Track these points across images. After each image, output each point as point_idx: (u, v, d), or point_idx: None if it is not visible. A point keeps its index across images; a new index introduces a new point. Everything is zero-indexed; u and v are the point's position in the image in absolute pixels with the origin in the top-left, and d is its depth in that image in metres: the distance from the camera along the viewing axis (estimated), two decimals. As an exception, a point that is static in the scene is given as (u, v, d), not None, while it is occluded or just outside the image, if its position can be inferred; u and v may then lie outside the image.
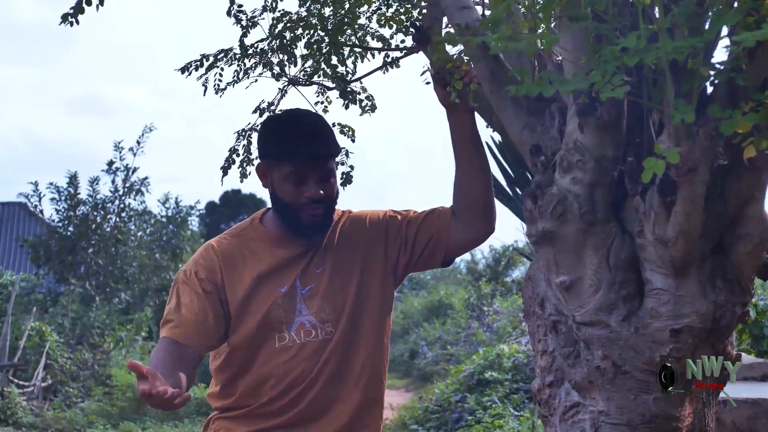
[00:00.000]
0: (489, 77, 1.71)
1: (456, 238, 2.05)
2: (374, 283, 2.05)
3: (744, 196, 1.45)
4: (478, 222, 2.04)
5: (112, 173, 14.23)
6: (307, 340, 1.98)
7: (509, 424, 6.51)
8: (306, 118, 2.05)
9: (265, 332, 1.97)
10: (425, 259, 2.08)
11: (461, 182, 2.03)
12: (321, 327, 1.99)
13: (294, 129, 1.99)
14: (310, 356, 1.97)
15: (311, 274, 2.02)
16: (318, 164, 1.95)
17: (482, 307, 13.95)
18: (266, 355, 1.98)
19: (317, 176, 1.95)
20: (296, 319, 1.98)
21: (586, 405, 1.57)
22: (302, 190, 1.95)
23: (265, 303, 1.98)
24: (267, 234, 2.05)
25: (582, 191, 1.49)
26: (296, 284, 2.00)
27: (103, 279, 13.80)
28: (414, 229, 2.07)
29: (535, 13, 1.44)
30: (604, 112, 1.42)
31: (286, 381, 1.97)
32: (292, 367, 1.97)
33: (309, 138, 1.97)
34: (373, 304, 2.04)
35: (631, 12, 1.39)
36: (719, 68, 1.31)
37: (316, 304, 1.99)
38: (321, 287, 2.01)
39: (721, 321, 1.47)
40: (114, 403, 10.15)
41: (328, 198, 1.97)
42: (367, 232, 2.08)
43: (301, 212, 1.96)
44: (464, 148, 1.99)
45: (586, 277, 1.52)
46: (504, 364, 8.29)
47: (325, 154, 1.97)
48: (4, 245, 22.77)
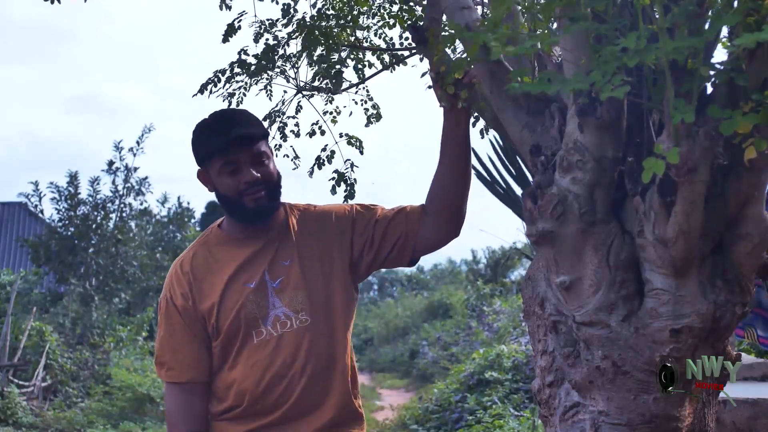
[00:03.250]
0: (489, 77, 1.71)
1: (424, 239, 2.07)
2: (343, 275, 2.07)
3: (744, 196, 1.45)
4: (448, 224, 2.07)
5: (112, 173, 14.23)
6: (284, 331, 2.00)
7: (509, 424, 6.51)
8: (222, 112, 2.10)
9: (243, 331, 2.00)
10: (393, 259, 2.10)
11: (441, 181, 2.05)
12: (295, 316, 2.01)
13: (212, 124, 2.04)
14: (289, 347, 1.99)
15: (279, 266, 2.04)
16: (245, 148, 1.98)
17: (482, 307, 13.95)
18: (248, 353, 2.00)
19: (248, 160, 1.98)
20: (271, 313, 2.00)
21: (586, 405, 1.57)
22: (239, 178, 1.98)
23: (236, 302, 2.00)
24: (226, 237, 2.09)
25: (582, 191, 1.49)
26: (265, 278, 2.03)
27: (103, 279, 13.79)
28: (382, 227, 2.08)
29: (535, 13, 1.44)
30: (604, 112, 1.42)
31: (269, 374, 1.98)
32: (273, 359, 1.99)
33: (227, 126, 2.01)
34: (343, 295, 2.07)
35: (631, 12, 1.39)
36: (719, 68, 1.31)
37: (288, 296, 2.01)
38: (291, 278, 2.03)
39: (721, 321, 1.47)
40: (114, 403, 10.14)
41: (265, 180, 1.99)
42: (333, 226, 2.10)
43: (244, 199, 1.99)
44: (453, 148, 2.01)
45: (586, 277, 1.52)
46: (504, 364, 8.29)
47: (245, 135, 1.98)
48: (4, 245, 22.76)
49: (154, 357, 2.10)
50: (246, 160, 1.97)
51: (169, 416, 2.06)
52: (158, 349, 2.07)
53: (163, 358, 2.05)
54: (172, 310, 2.04)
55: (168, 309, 2.05)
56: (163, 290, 2.10)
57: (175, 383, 2.03)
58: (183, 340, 2.03)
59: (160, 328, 2.08)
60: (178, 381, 2.03)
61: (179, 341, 2.03)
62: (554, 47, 1.57)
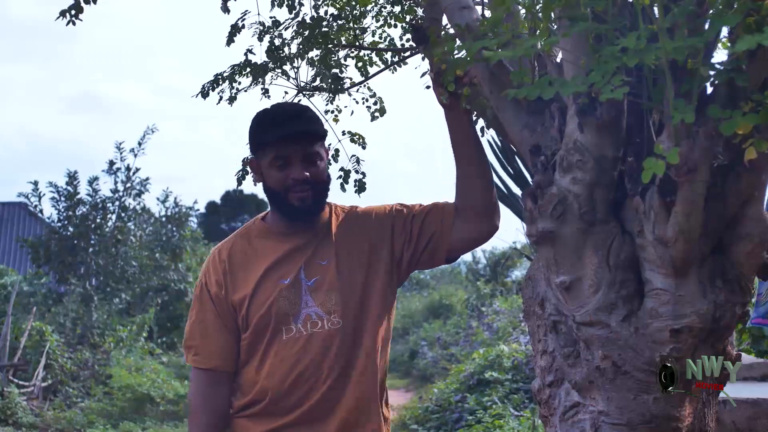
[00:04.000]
0: (489, 78, 1.71)
1: (458, 237, 2.03)
2: (379, 277, 2.05)
3: (744, 196, 1.45)
4: (480, 221, 2.02)
5: (113, 173, 14.21)
6: (313, 331, 1.99)
7: (509, 424, 6.51)
8: (284, 104, 2.10)
9: (273, 326, 1.99)
10: (427, 257, 2.07)
11: (461, 181, 2.02)
12: (327, 318, 1.99)
13: (272, 116, 2.03)
14: (317, 347, 1.98)
15: (316, 265, 2.03)
16: (299, 144, 1.97)
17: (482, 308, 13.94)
18: (276, 349, 2.00)
19: (301, 157, 1.97)
20: (303, 311, 2.00)
21: (586, 405, 1.57)
22: (287, 173, 1.97)
23: (269, 296, 2.00)
24: (268, 230, 2.08)
25: (582, 191, 1.49)
26: (300, 276, 2.02)
27: (103, 279, 13.79)
28: (418, 224, 2.06)
29: (535, 13, 1.44)
30: (604, 112, 1.42)
31: (295, 372, 1.98)
32: (300, 358, 1.98)
33: (286, 119, 2.00)
34: (378, 298, 2.05)
35: (631, 12, 1.39)
36: (719, 68, 1.31)
37: (322, 295, 2.00)
38: (327, 278, 2.01)
39: (721, 321, 1.47)
40: (114, 403, 10.13)
41: (314, 179, 1.98)
42: (374, 226, 2.08)
43: (289, 195, 1.98)
44: (463, 147, 1.99)
45: (586, 277, 1.52)
46: (504, 364, 8.28)
47: (302, 132, 1.98)
48: (4, 245, 22.76)
49: (184, 339, 2.13)
50: (298, 157, 1.97)
51: (191, 400, 2.09)
52: (188, 333, 2.09)
53: (192, 342, 2.07)
54: (206, 296, 2.06)
55: (202, 295, 2.07)
56: (200, 275, 2.11)
57: (201, 369, 2.05)
58: (213, 327, 2.04)
59: (192, 312, 2.10)
60: (204, 367, 2.05)
61: (210, 328, 2.05)
62: (554, 47, 1.57)
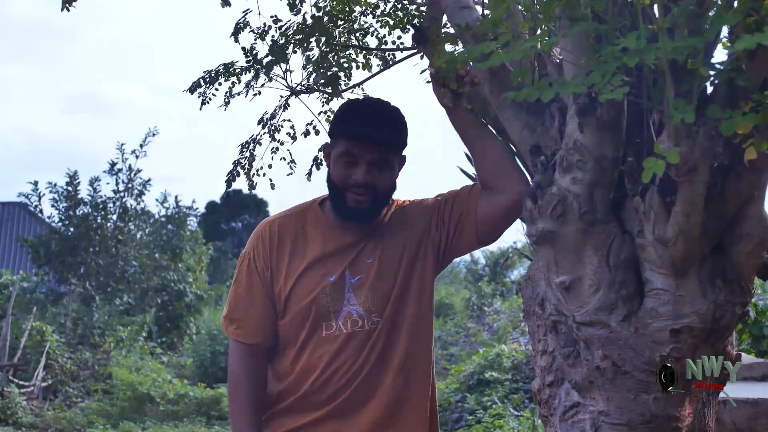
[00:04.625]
0: (489, 77, 1.71)
1: (485, 211, 1.99)
2: (421, 272, 2.04)
3: (744, 196, 1.45)
4: (501, 185, 1.95)
5: (114, 174, 14.21)
6: (353, 330, 1.99)
7: (509, 424, 6.51)
8: (377, 104, 2.07)
9: (313, 321, 1.99)
10: (460, 235, 2.04)
11: (476, 157, 2.01)
12: (367, 317, 1.99)
13: (359, 110, 2.02)
14: (356, 347, 1.98)
15: (362, 263, 2.02)
16: (370, 148, 1.95)
17: (482, 307, 13.95)
18: (315, 343, 1.99)
19: (369, 161, 1.95)
20: (344, 309, 1.99)
21: (586, 405, 1.57)
22: (350, 172, 1.96)
23: (313, 290, 1.99)
24: (323, 219, 2.06)
25: (582, 191, 1.49)
26: (345, 273, 2.01)
27: (103, 279, 13.78)
28: (449, 207, 2.05)
29: (535, 13, 1.44)
30: (604, 112, 1.42)
31: (330, 370, 1.98)
32: (338, 356, 1.98)
33: (368, 120, 1.98)
34: (420, 293, 2.04)
35: (631, 12, 1.39)
36: (719, 68, 1.31)
37: (363, 294, 2.00)
38: (369, 277, 2.01)
39: (721, 321, 1.47)
40: (114, 403, 10.13)
41: (375, 187, 1.96)
42: (415, 220, 2.07)
43: (347, 194, 1.97)
44: (472, 136, 2.00)
45: (586, 277, 1.52)
46: (504, 364, 8.29)
47: (378, 138, 1.96)
48: (4, 245, 22.76)
49: (225, 311, 2.09)
50: (366, 160, 1.95)
51: (233, 374, 2.06)
52: (232, 304, 2.07)
53: (236, 315, 2.05)
54: (254, 269, 2.04)
55: (249, 267, 2.05)
56: (247, 245, 2.08)
57: (242, 343, 2.04)
58: (259, 302, 2.03)
59: (236, 284, 2.07)
60: (247, 342, 2.04)
61: (256, 302, 2.03)
62: (554, 47, 1.57)
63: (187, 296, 14.90)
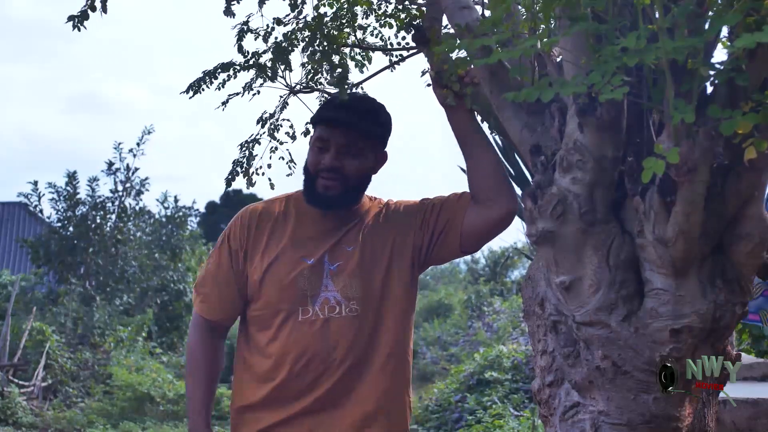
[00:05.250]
0: (489, 77, 1.71)
1: (472, 222, 2.00)
2: (402, 270, 2.04)
3: (744, 196, 1.45)
4: (492, 200, 1.98)
5: (112, 174, 14.21)
6: (331, 316, 1.98)
7: (509, 424, 6.51)
8: (358, 96, 2.10)
9: (290, 304, 1.99)
10: (443, 242, 2.05)
11: (470, 168, 2.01)
12: (346, 304, 1.99)
13: (335, 99, 2.04)
14: (333, 333, 1.97)
15: (342, 250, 2.02)
16: (340, 132, 1.97)
17: (482, 307, 13.95)
18: (291, 327, 1.99)
19: (338, 145, 1.97)
20: (322, 294, 1.99)
21: (586, 405, 1.57)
22: (321, 158, 1.98)
23: (290, 273, 2.00)
24: (305, 206, 2.07)
25: (582, 191, 1.49)
26: (324, 259, 2.01)
27: (103, 279, 13.78)
28: (437, 212, 2.05)
29: (535, 13, 1.44)
30: (604, 112, 1.42)
31: (306, 356, 1.97)
32: (315, 342, 1.97)
33: (343, 107, 2.00)
34: (400, 290, 2.04)
35: (631, 12, 1.39)
36: (719, 68, 1.31)
37: (342, 281, 2.00)
38: (350, 264, 2.01)
39: (721, 321, 1.47)
40: (114, 403, 10.13)
41: (344, 173, 1.97)
42: (402, 219, 2.08)
43: (317, 180, 1.98)
44: (468, 142, 2.00)
45: (586, 277, 1.52)
46: (504, 364, 8.29)
47: (348, 122, 1.97)
48: (4, 245, 22.75)
49: (195, 282, 2.17)
50: (336, 144, 1.97)
51: (189, 346, 2.12)
52: (200, 279, 2.13)
53: (203, 289, 2.11)
54: (226, 249, 2.07)
55: (222, 246, 2.09)
56: (229, 223, 2.12)
57: (205, 318, 2.10)
58: (223, 282, 2.07)
59: (209, 259, 2.12)
60: (207, 317, 2.10)
61: (220, 282, 2.07)
62: (554, 47, 1.57)
63: (187, 296, 14.89)
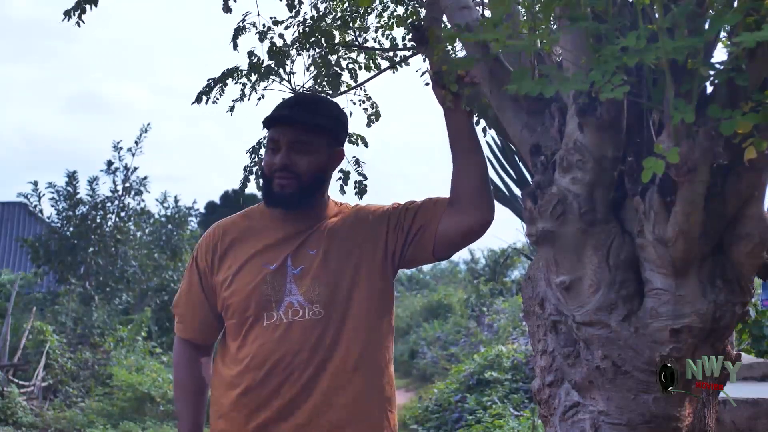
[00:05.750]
0: (488, 77, 1.71)
1: (447, 228, 1.98)
2: (372, 272, 2.02)
3: (744, 196, 1.45)
4: (468, 212, 1.97)
5: (111, 173, 14.21)
6: (294, 320, 1.96)
7: (509, 424, 6.51)
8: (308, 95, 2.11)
9: (255, 310, 1.98)
10: (414, 250, 2.03)
11: (455, 173, 2.00)
12: (309, 307, 1.97)
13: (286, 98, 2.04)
14: (297, 336, 1.95)
15: (304, 254, 2.01)
16: (288, 130, 1.96)
17: (482, 307, 13.95)
18: (256, 333, 1.98)
19: (288, 142, 1.96)
20: (286, 299, 1.98)
21: (586, 405, 1.57)
22: (273, 158, 1.97)
23: (253, 280, 1.99)
24: (268, 214, 2.07)
25: (582, 191, 1.49)
26: (287, 263, 2.00)
27: (102, 279, 13.77)
28: (410, 217, 2.04)
29: (535, 13, 1.44)
30: (604, 112, 1.42)
31: (271, 360, 1.95)
32: (279, 346, 1.95)
33: (288, 104, 2.00)
34: (369, 293, 2.01)
35: (631, 12, 1.39)
36: (719, 68, 1.31)
37: (306, 284, 1.98)
38: (313, 268, 1.99)
39: (721, 321, 1.47)
40: (114, 403, 10.12)
41: (297, 170, 1.96)
42: (370, 223, 2.06)
43: (272, 181, 1.98)
44: (461, 144, 1.99)
45: (586, 277, 1.52)
46: (504, 364, 8.29)
47: (295, 117, 1.96)
48: (4, 245, 22.75)
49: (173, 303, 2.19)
50: (286, 142, 1.96)
51: (175, 369, 2.15)
52: (176, 298, 2.16)
53: (178, 309, 2.15)
54: (194, 269, 2.10)
55: (192, 267, 2.11)
56: (196, 244, 2.14)
57: (183, 339, 2.13)
58: (197, 302, 2.09)
59: (183, 281, 2.15)
60: (184, 337, 2.13)
61: (193, 301, 2.10)
62: (554, 47, 1.57)
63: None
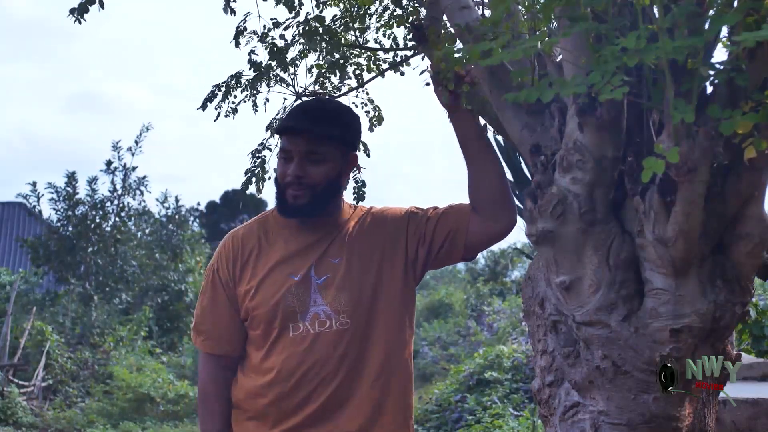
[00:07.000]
0: (488, 77, 1.71)
1: (475, 232, 1.99)
2: (393, 279, 2.02)
3: (744, 196, 1.45)
4: (496, 215, 1.98)
5: (111, 173, 14.21)
6: (321, 330, 1.96)
7: (509, 424, 6.50)
8: (316, 101, 2.07)
9: (280, 322, 1.97)
10: (445, 254, 2.04)
11: (473, 178, 2.00)
12: (336, 317, 1.96)
13: (294, 107, 2.02)
14: (324, 347, 1.95)
15: (327, 263, 2.00)
16: (300, 140, 1.94)
17: (482, 307, 13.95)
18: (283, 345, 1.97)
19: (300, 153, 1.94)
20: (311, 309, 1.97)
21: (586, 405, 1.57)
22: (286, 169, 1.96)
23: (277, 291, 1.97)
24: (284, 222, 2.05)
25: (582, 191, 1.49)
26: (311, 273, 1.99)
27: (102, 279, 13.77)
28: (433, 224, 2.03)
29: (535, 13, 1.44)
30: (604, 112, 1.42)
31: (299, 372, 1.95)
32: (306, 357, 1.95)
33: (299, 113, 1.99)
34: (392, 299, 2.01)
35: (631, 12, 1.39)
36: (719, 68, 1.31)
37: (331, 294, 1.97)
38: (337, 277, 1.98)
39: (721, 321, 1.47)
40: (114, 403, 10.12)
41: (310, 181, 1.95)
42: (388, 228, 2.06)
43: (286, 191, 1.96)
44: (470, 145, 1.98)
45: (586, 277, 1.52)
46: (504, 364, 8.28)
47: (304, 128, 1.95)
48: (4, 245, 22.75)
49: (193, 324, 2.13)
50: (298, 153, 1.94)
51: (202, 385, 2.09)
52: (199, 317, 2.09)
53: (203, 327, 2.08)
54: (218, 281, 2.06)
55: (214, 279, 2.07)
56: (212, 258, 2.10)
57: (211, 354, 2.07)
58: (224, 313, 2.04)
59: (202, 296, 2.09)
60: (214, 353, 2.07)
61: (221, 314, 2.05)
62: (554, 47, 1.57)
63: (187, 296, 14.89)
